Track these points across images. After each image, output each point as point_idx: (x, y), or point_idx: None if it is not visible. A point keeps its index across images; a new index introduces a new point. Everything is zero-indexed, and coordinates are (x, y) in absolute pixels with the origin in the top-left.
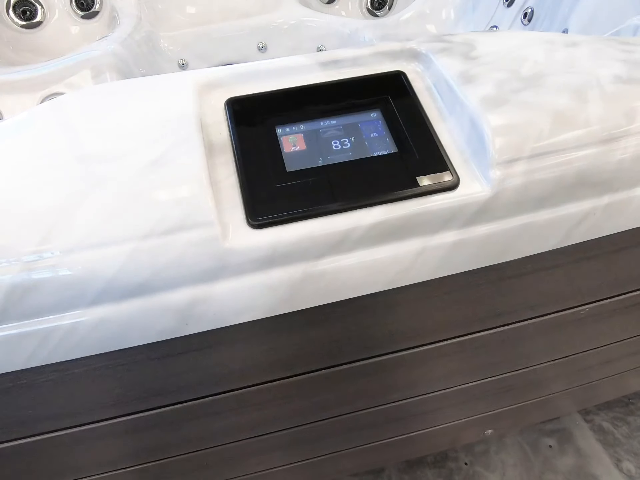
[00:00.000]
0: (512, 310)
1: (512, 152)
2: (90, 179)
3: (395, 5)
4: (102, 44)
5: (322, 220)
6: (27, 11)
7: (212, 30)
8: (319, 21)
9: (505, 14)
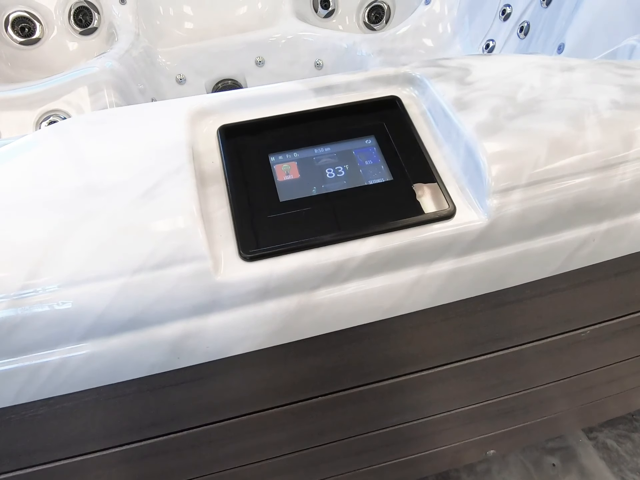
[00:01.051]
0: (511, 335)
1: (509, 181)
2: (80, 211)
3: (392, 19)
4: (100, 61)
5: (317, 252)
6: (26, 28)
7: (210, 45)
8: (316, 36)
9: (502, 27)
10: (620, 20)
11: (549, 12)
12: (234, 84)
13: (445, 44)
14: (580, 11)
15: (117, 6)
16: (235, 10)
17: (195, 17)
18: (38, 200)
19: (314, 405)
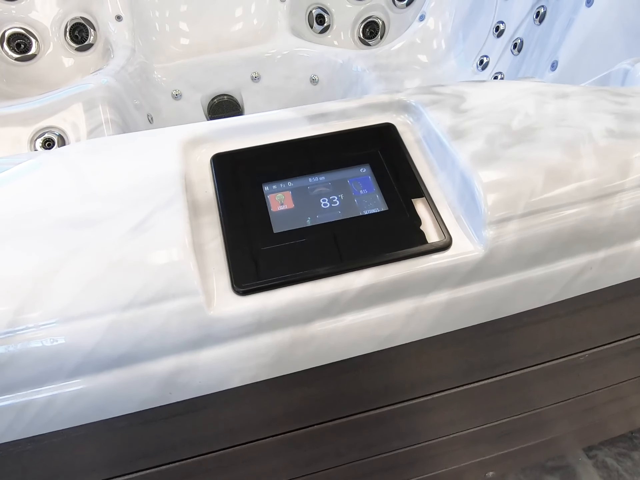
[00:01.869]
0: (510, 360)
1: (505, 211)
2: (70, 245)
3: (386, 35)
4: (96, 78)
5: (311, 285)
6: (22, 44)
7: (206, 60)
8: (311, 51)
9: (496, 44)
10: (612, 38)
11: (542, 30)
12: (230, 99)
13: (439, 60)
14: (572, 29)
15: (113, 23)
16: (230, 27)
17: (191, 33)
18: (27, 232)
19: (310, 433)
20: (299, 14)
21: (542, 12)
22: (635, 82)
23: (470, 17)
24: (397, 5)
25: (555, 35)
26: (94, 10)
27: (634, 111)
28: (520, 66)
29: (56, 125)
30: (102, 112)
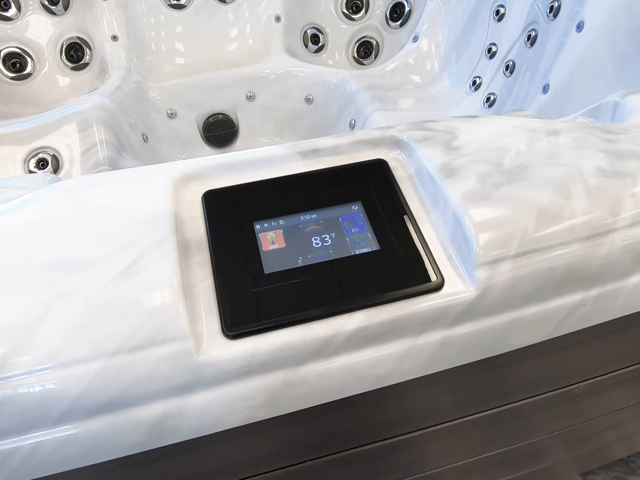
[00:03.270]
0: (504, 394)
1: (498, 252)
2: (57, 289)
3: (381, 55)
4: (91, 98)
5: (303, 328)
6: (17, 63)
7: (201, 80)
8: (306, 71)
9: (488, 65)
10: (602, 63)
11: (533, 52)
12: (225, 117)
13: (433, 80)
14: (563, 53)
15: (109, 43)
16: (226, 46)
17: (186, 53)
18: (13, 277)
19: (302, 470)
20: (293, 33)
21: (534, 35)
22: (625, 115)
23: (462, 39)
24: (390, 25)
25: (546, 58)
26: (90, 30)
27: (624, 149)
28: (512, 87)
29: (50, 146)
30: (97, 132)
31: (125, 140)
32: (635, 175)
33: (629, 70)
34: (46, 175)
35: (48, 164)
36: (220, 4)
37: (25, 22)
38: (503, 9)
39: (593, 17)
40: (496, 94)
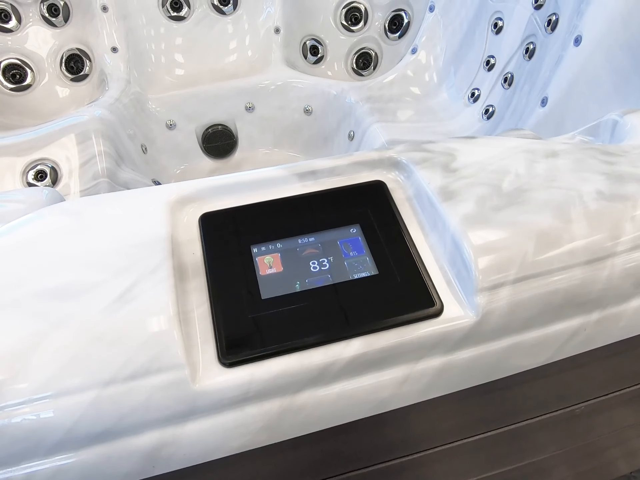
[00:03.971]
0: (503, 416)
1: (497, 277)
2: (51, 317)
3: (379, 66)
4: (90, 110)
5: (300, 355)
6: (17, 74)
7: (200, 91)
8: (305, 82)
9: (486, 77)
10: (600, 77)
11: (531, 65)
12: (225, 128)
13: (431, 92)
14: (562, 66)
15: (109, 54)
16: (225, 58)
17: (186, 64)
18: (7, 303)
19: None
20: (293, 45)
21: (532, 48)
22: (625, 134)
23: (461, 51)
24: (389, 37)
25: (545, 71)
26: (90, 41)
27: (623, 172)
28: (511, 100)
29: (49, 157)
30: (96, 144)
31: (124, 151)
32: (635, 199)
33: (627, 85)
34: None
35: (47, 175)
36: (219, 16)
37: (25, 34)
38: (501, 22)
39: (590, 32)
40: (495, 106)
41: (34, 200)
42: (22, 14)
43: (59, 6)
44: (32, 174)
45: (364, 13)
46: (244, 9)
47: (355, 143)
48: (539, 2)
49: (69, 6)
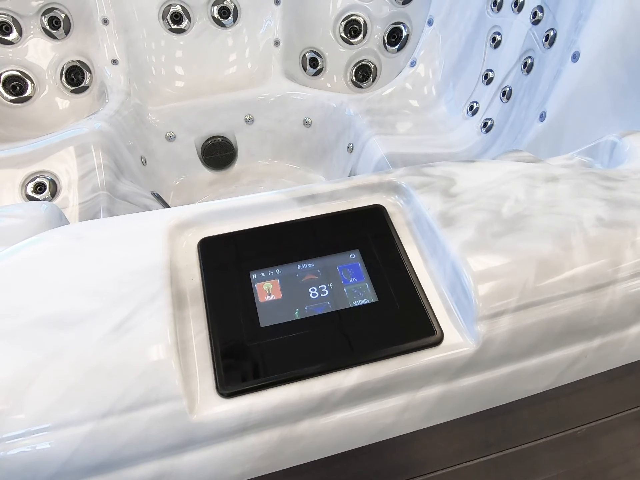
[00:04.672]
0: (504, 439)
1: (498, 305)
2: (48, 348)
3: (379, 78)
4: (89, 122)
5: (299, 385)
6: (17, 86)
7: (200, 103)
8: (305, 95)
9: (485, 91)
10: (598, 93)
11: (529, 80)
12: (224, 140)
13: (430, 105)
14: (560, 81)
15: (109, 67)
16: (225, 70)
17: (186, 76)
18: (4, 334)
19: None
20: (292, 57)
21: (530, 62)
22: (624, 157)
23: (459, 65)
24: (388, 50)
25: (543, 85)
26: (91, 54)
27: (623, 197)
28: (509, 113)
29: (48, 170)
30: (95, 156)
31: (124, 164)
32: (635, 225)
33: (625, 100)
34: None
35: (46, 188)
36: (219, 29)
37: (26, 46)
38: (499, 36)
39: (588, 48)
40: (493, 120)
41: (33, 215)
42: (23, 26)
43: (60, 19)
44: (31, 186)
45: (363, 26)
46: (244, 21)
47: (354, 155)
48: (537, 17)
49: (70, 19)
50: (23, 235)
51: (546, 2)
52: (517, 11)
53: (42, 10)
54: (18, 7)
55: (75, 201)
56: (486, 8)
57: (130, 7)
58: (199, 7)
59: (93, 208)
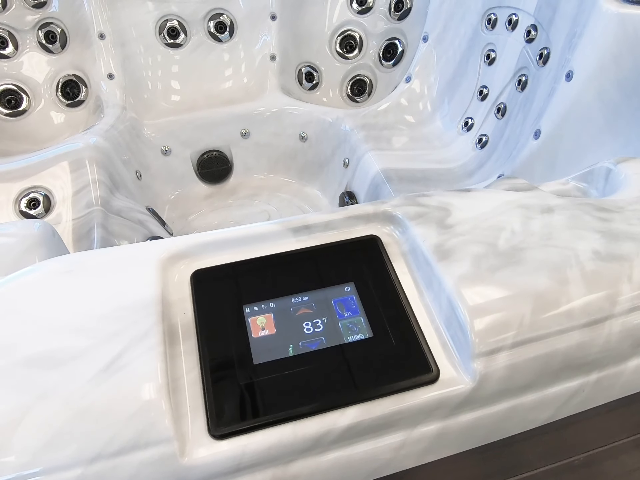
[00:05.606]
0: (504, 470)
1: (494, 342)
2: (35, 389)
3: (374, 93)
4: (85, 137)
5: (293, 426)
6: (13, 100)
7: (196, 117)
8: (301, 109)
9: (480, 107)
10: (592, 112)
11: (524, 97)
12: (220, 154)
13: (425, 120)
14: (554, 100)
15: (105, 81)
16: (221, 84)
17: (182, 90)
18: None
19: None
20: (288, 72)
21: (524, 80)
22: (618, 184)
23: (454, 81)
24: (384, 65)
25: (537, 102)
26: (87, 68)
27: (618, 230)
28: (504, 130)
29: (42, 185)
30: (90, 172)
31: (119, 179)
32: (631, 259)
33: (618, 120)
34: (36, 222)
35: (40, 203)
36: (216, 43)
37: (21, 60)
38: (494, 53)
39: (582, 68)
40: (488, 135)
41: (26, 233)
42: (19, 40)
43: (56, 33)
44: (25, 201)
45: (358, 41)
46: (240, 36)
47: (350, 170)
48: (531, 35)
49: (66, 33)
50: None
51: (539, 21)
52: (510, 29)
53: (39, 25)
54: (14, 21)
55: (69, 217)
56: (480, 25)
57: (126, 22)
58: (195, 22)
59: (87, 224)
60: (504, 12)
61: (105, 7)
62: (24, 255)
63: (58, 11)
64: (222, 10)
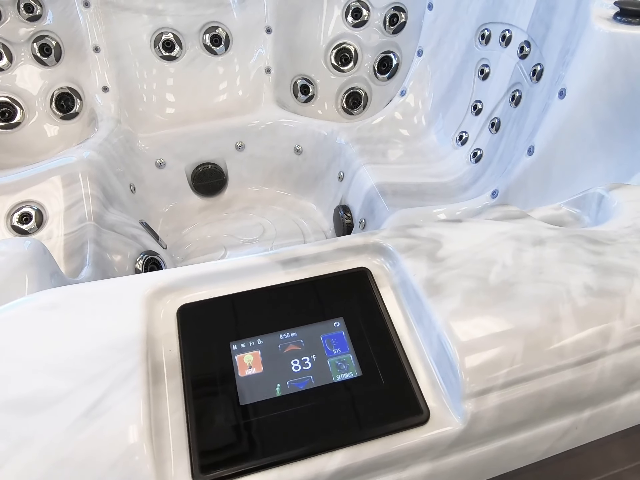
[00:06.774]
0: None
1: (485, 381)
2: (13, 436)
3: (369, 106)
4: (78, 151)
5: (279, 471)
6: (7, 112)
7: (191, 130)
8: (296, 122)
9: (474, 121)
10: (585, 130)
11: (518, 112)
12: (214, 167)
13: (420, 134)
14: (547, 117)
15: (99, 94)
16: (216, 97)
17: (176, 103)
18: None
19: None
20: (283, 84)
21: (518, 95)
22: (611, 212)
23: (448, 95)
24: (379, 78)
25: (531, 117)
26: (81, 81)
27: (610, 263)
28: (498, 144)
29: (35, 200)
30: (83, 186)
31: (112, 192)
32: (623, 294)
33: (611, 137)
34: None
35: (32, 218)
36: (211, 56)
37: (16, 73)
38: (487, 69)
39: (575, 86)
40: (482, 150)
41: (16, 251)
42: (14, 53)
43: (51, 46)
44: (17, 216)
45: (353, 54)
46: (236, 49)
47: (345, 184)
48: (524, 52)
49: (61, 46)
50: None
51: (533, 37)
52: (504, 45)
53: (33, 38)
54: (9, 34)
55: (62, 232)
56: (474, 41)
57: (121, 35)
58: (190, 35)
59: (80, 239)
60: (498, 28)
61: (100, 20)
62: (14, 273)
63: (53, 24)
64: (218, 23)
